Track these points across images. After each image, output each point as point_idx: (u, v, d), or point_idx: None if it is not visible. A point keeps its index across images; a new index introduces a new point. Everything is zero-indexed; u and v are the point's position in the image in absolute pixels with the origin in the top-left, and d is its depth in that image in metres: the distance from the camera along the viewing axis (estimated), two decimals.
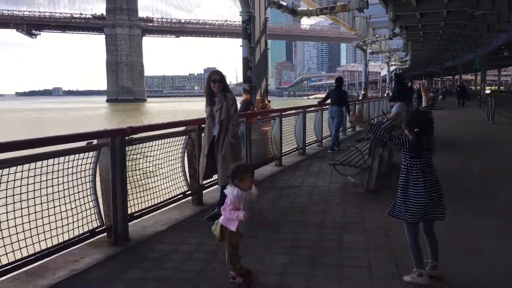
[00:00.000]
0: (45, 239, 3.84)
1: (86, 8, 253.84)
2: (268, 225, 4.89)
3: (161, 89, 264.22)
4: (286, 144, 9.80)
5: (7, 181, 3.59)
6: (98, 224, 4.43)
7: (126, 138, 4.68)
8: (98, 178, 4.49)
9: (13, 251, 3.57)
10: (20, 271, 3.70)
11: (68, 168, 4.13)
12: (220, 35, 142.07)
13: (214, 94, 5.36)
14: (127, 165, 4.82)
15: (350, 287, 3.43)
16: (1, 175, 3.54)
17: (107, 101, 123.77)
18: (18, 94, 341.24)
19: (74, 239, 4.14)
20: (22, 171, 3.71)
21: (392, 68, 52.23)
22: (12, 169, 3.62)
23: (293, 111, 10.42)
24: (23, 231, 3.67)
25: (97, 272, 3.83)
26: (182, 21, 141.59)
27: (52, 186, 3.94)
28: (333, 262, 3.87)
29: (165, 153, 5.67)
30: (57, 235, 3.94)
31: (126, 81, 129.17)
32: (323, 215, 5.35)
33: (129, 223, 4.80)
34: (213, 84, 5.29)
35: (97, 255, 4.17)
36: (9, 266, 3.56)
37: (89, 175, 4.35)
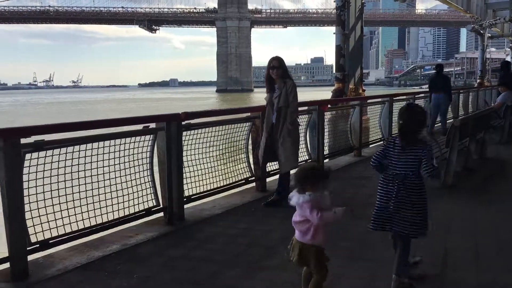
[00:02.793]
0: (101, 214, 4.17)
1: (200, 2, 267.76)
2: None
3: None
4: (370, 134, 9.40)
5: (79, 157, 3.97)
6: (154, 204, 4.70)
7: (183, 123, 4.88)
8: (156, 161, 4.76)
9: (69, 223, 3.92)
10: (80, 241, 4.08)
11: (126, 149, 4.42)
12: (327, 24, 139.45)
13: (274, 81, 5.33)
14: (186, 149, 5.05)
15: (376, 281, 3.27)
16: (72, 152, 3.92)
17: (216, 91, 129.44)
18: (140, 85, 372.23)
19: (131, 215, 4.46)
20: (91, 149, 4.09)
21: None
22: (81, 147, 3.99)
23: (378, 100, 9.93)
24: (80, 206, 4.02)
25: (144, 248, 4.08)
26: (290, 11, 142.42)
27: (108, 165, 4.25)
28: (370, 256, 3.66)
29: (227, 138, 5.80)
30: (113, 211, 4.27)
31: (235, 72, 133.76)
32: None
33: (187, 205, 5.02)
34: (272, 71, 5.27)
35: (150, 232, 4.44)
36: (68, 236, 3.93)
37: (146, 157, 4.63)
